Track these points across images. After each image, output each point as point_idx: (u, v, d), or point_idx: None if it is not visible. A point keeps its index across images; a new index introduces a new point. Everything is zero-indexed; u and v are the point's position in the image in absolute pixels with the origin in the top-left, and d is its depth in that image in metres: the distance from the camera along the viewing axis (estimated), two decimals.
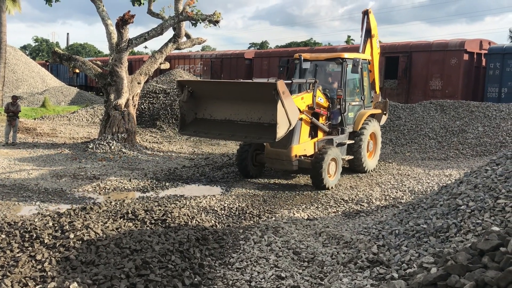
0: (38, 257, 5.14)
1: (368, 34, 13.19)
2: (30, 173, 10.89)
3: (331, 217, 8.06)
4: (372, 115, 12.38)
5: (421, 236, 5.59)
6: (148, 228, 6.50)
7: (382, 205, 8.83)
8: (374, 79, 13.46)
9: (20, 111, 15.68)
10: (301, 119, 9.95)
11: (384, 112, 12.95)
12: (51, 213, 7.16)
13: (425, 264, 3.95)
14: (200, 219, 7.27)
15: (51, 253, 5.27)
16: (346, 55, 11.40)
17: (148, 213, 7.10)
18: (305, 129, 10.32)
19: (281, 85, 8.21)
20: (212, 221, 7.37)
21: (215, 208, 8.37)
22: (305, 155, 10.31)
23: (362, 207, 8.73)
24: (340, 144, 11.14)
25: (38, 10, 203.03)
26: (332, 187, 10.11)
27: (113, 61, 14.57)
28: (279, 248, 6.05)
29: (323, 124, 10.86)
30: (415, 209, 6.63)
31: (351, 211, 8.49)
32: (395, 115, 17.81)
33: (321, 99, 10.62)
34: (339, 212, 8.41)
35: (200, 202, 8.78)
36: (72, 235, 5.71)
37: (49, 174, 10.93)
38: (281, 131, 8.24)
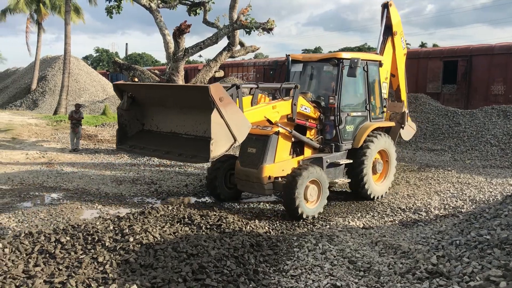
0: (100, 259, 5.35)
1: (388, 31, 11.20)
2: (92, 178, 11.37)
3: (388, 226, 7.87)
4: (382, 129, 10.25)
5: (484, 247, 5.35)
6: (203, 233, 6.62)
7: (441, 214, 8.53)
8: (398, 85, 11.79)
9: (82, 118, 16.40)
10: (277, 133, 8.41)
11: (402, 126, 10.99)
12: (112, 216, 7.44)
13: (492, 278, 3.78)
14: (254, 225, 7.33)
15: (112, 255, 5.47)
16: (344, 54, 9.31)
17: (204, 218, 7.24)
18: (283, 145, 8.56)
19: (216, 89, 6.56)
20: (266, 228, 7.40)
21: (269, 215, 8.39)
22: (284, 177, 8.38)
23: (420, 216, 8.47)
24: (332, 165, 9.10)
25: (99, 22, 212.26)
26: (313, 217, 8.14)
27: (170, 70, 14.98)
28: (334, 256, 5.99)
29: (312, 139, 9.09)
30: (477, 219, 6.36)
31: (408, 220, 8.25)
32: (454, 121, 17.20)
33: (307, 109, 8.80)
34: (396, 221, 8.20)
35: (254, 208, 8.84)
36: (131, 239, 5.91)
37: (109, 179, 11.36)
38: (218, 149, 6.58)
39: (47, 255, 5.49)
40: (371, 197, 9.50)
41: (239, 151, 8.78)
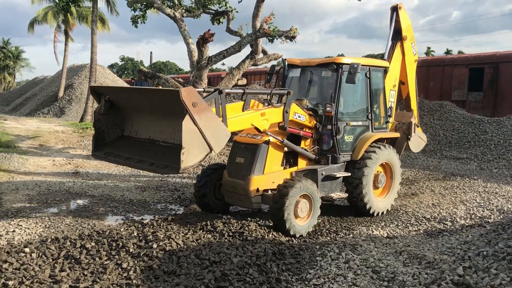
0: (124, 265, 5.42)
1: (397, 35, 10.56)
2: (117, 185, 11.53)
3: (412, 235, 7.76)
4: (387, 140, 9.60)
5: None
6: (226, 240, 6.64)
7: (467, 224, 8.36)
8: (408, 93, 11.10)
9: None
10: (267, 142, 7.87)
11: (408, 137, 10.25)
12: (136, 223, 7.53)
13: None
14: (277, 233, 7.31)
15: (136, 261, 5.53)
16: (345, 59, 8.62)
17: (226, 226, 7.27)
18: (274, 155, 8.02)
19: (189, 93, 5.99)
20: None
21: None
22: (274, 190, 7.80)
23: (446, 226, 8.32)
24: (328, 178, 8.45)
25: (125, 31, 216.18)
26: (303, 235, 7.53)
27: (193, 78, 15.13)
28: (358, 266, 5.93)
29: (307, 150, 8.51)
30: (505, 230, 6.22)
31: (433, 230, 8.11)
32: (480, 129, 16.89)
33: (301, 117, 8.22)
34: (421, 231, 8.07)
35: None
36: (155, 245, 5.97)
37: (133, 186, 11.50)
38: (190, 159, 6.04)
39: (73, 260, 5.59)
40: (371, 212, 8.81)
41: (228, 161, 8.41)
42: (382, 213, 9.05)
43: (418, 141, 10.70)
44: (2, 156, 14.15)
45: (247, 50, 15.73)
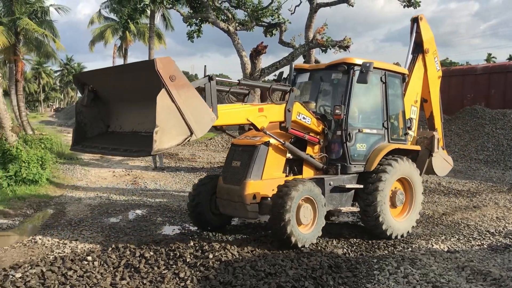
0: (181, 274, 5.51)
1: (418, 49, 9.83)
2: (174, 195, 11.80)
3: (475, 250, 7.41)
4: (403, 152, 8.38)
5: None
6: (281, 252, 6.61)
7: None
8: (431, 111, 10.15)
9: None
10: (267, 144, 7.16)
11: (431, 153, 9.19)
12: (192, 233, 7.65)
13: None
14: (332, 246, 7.20)
15: (193, 271, 5.62)
16: (356, 59, 7.82)
17: None
18: (274, 159, 7.26)
19: (165, 64, 5.31)
20: (345, 248, 7.25)
21: (347, 235, 8.21)
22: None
23: None
24: (338, 189, 7.58)
25: (180, 46, 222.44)
26: (308, 245, 6.80)
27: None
28: (417, 281, 5.72)
29: (313, 157, 7.69)
30: None
31: (498, 244, 7.71)
32: None
33: (307, 119, 7.46)
34: (484, 245, 7.69)
35: (332, 229, 8.69)
36: (211, 255, 6.04)
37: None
38: (166, 140, 5.35)
39: (132, 269, 5.75)
40: (388, 234, 7.71)
41: (223, 166, 7.75)
42: (402, 235, 7.95)
43: (443, 164, 9.81)
44: (66, 168, 14.86)
45: (300, 60, 15.77)
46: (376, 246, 7.57)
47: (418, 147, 8.85)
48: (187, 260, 5.97)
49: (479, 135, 18.71)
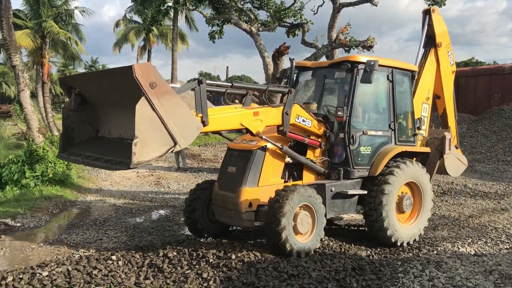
0: (204, 275, 5.53)
1: (430, 42, 9.38)
2: None
3: (503, 254, 7.23)
4: (411, 154, 7.98)
5: None
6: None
7: None
8: (444, 108, 9.77)
9: None
10: (263, 149, 6.80)
11: (442, 153, 8.65)
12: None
13: None
14: (356, 248, 7.14)
15: (215, 272, 5.63)
16: (360, 57, 7.40)
17: None
18: (272, 165, 6.91)
19: (145, 71, 5.01)
20: (368, 251, 7.17)
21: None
22: None
23: None
24: (340, 196, 7.16)
25: (202, 47, 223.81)
26: (307, 254, 6.40)
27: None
28: (443, 284, 5.63)
29: (313, 161, 7.31)
30: None
31: None
32: None
33: (307, 121, 7.07)
34: None
35: (355, 230, 8.61)
36: (233, 256, 6.05)
37: None
38: (146, 152, 5.02)
39: (156, 269, 5.80)
40: (392, 241, 7.27)
41: (219, 171, 7.45)
42: (408, 243, 7.51)
43: (456, 163, 9.26)
44: (91, 168, 15.06)
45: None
46: (400, 249, 7.46)
47: (427, 149, 8.40)
48: (210, 261, 5.99)
49: (507, 136, 18.30)
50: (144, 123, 4.96)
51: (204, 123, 5.87)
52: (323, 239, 7.23)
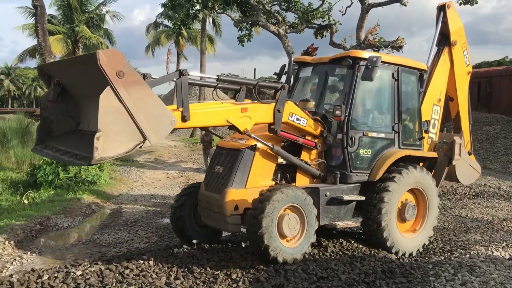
0: (233, 276, 5.58)
1: (444, 40, 8.82)
2: None
3: None
4: (417, 159, 7.49)
5: None
6: (333, 255, 6.55)
7: None
8: (458, 111, 9.15)
9: (213, 140, 17.37)
10: (252, 148, 6.35)
11: (451, 160, 8.04)
12: (244, 234, 7.70)
13: None
14: (385, 250, 7.06)
15: (244, 273, 5.67)
16: (363, 53, 7.02)
17: (331, 241, 7.18)
18: (261, 165, 6.44)
19: (111, 58, 4.57)
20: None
21: None
22: None
23: None
24: (335, 201, 6.65)
25: (231, 50, 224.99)
26: (288, 261, 5.83)
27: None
28: None
29: (308, 163, 6.82)
30: None
31: None
32: None
33: (301, 120, 6.60)
34: None
35: None
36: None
37: None
38: (110, 148, 4.62)
39: (186, 269, 5.87)
40: (393, 252, 6.87)
41: (206, 171, 7.08)
42: (410, 254, 7.07)
43: (469, 171, 8.68)
44: (123, 170, 15.37)
45: None
46: (431, 252, 7.36)
47: (434, 154, 7.89)
48: (239, 262, 6.03)
49: None
50: (108, 115, 4.56)
51: (184, 118, 5.51)
52: (352, 242, 7.18)
